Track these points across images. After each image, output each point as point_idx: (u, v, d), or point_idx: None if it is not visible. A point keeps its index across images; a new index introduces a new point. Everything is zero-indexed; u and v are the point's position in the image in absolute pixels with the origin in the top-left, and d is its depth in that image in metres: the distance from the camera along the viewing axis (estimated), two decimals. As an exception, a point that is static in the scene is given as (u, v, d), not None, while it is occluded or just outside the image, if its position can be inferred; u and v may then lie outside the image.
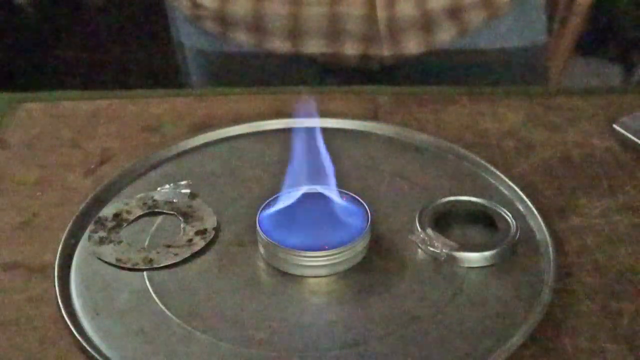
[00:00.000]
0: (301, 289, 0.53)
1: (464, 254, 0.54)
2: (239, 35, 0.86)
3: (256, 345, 0.49)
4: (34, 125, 0.72)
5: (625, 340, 0.50)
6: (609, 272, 0.55)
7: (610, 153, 0.67)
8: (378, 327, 0.50)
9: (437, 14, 0.83)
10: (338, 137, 0.67)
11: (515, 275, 0.54)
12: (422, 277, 0.54)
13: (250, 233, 0.56)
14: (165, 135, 0.70)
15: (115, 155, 0.67)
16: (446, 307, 0.51)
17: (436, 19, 0.84)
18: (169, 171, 0.64)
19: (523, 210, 0.59)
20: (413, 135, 0.68)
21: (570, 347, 0.49)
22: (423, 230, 0.56)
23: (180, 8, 0.90)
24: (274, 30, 0.84)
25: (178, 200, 0.60)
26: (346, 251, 0.53)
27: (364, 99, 0.75)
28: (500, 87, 0.80)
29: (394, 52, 0.85)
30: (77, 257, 0.56)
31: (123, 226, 0.58)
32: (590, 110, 0.73)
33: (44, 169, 0.66)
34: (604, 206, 0.61)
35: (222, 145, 0.68)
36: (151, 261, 0.55)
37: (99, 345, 0.49)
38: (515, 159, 0.66)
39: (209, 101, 0.75)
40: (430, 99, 0.75)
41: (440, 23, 0.84)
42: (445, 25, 0.85)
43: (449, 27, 0.85)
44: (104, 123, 0.72)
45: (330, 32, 0.84)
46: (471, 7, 0.85)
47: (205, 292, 0.53)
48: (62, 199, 0.62)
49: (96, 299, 0.53)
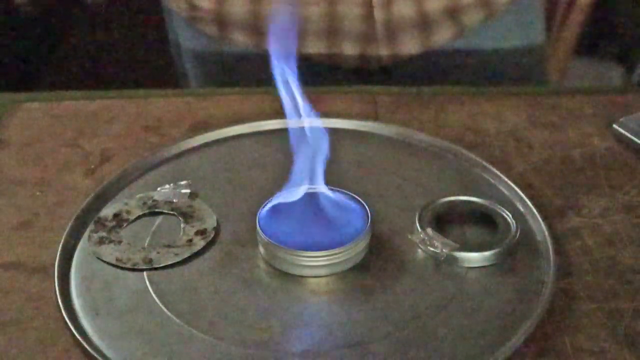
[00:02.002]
0: (301, 289, 0.53)
1: (464, 254, 0.54)
2: (237, 37, 0.86)
3: (256, 345, 0.49)
4: (34, 125, 0.72)
5: (625, 340, 0.50)
6: (609, 272, 0.55)
7: (610, 153, 0.67)
8: (378, 327, 0.50)
9: (435, 15, 0.83)
10: (338, 137, 0.67)
11: (515, 275, 0.54)
12: (422, 277, 0.54)
13: (250, 233, 0.56)
14: (165, 135, 0.70)
15: (115, 155, 0.67)
16: (446, 307, 0.51)
17: (434, 19, 0.84)
18: (169, 171, 0.64)
19: (523, 210, 0.59)
20: (413, 135, 0.68)
21: (570, 347, 0.49)
22: (423, 230, 0.56)
23: (178, 11, 0.90)
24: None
25: (178, 200, 0.60)
26: (346, 251, 0.53)
27: (364, 99, 0.75)
28: (500, 87, 0.80)
29: (391, 52, 0.85)
30: (77, 257, 0.56)
31: (123, 226, 0.58)
32: (590, 110, 0.73)
33: (44, 169, 0.66)
34: (604, 206, 0.61)
35: (222, 145, 0.68)
36: (151, 261, 0.55)
37: (99, 345, 0.49)
38: (515, 159, 0.66)
39: (209, 101, 0.75)
40: (430, 99, 0.75)
41: (437, 23, 0.84)
42: (442, 26, 0.85)
43: (447, 27, 0.85)
44: (104, 123, 0.72)
45: (329, 32, 0.84)
46: (469, 8, 0.84)
47: (205, 292, 0.53)
48: (62, 199, 0.62)
49: (96, 299, 0.53)
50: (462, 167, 0.64)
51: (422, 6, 0.82)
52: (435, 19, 0.84)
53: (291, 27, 0.55)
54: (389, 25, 0.83)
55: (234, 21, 0.85)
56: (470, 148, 0.66)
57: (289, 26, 0.55)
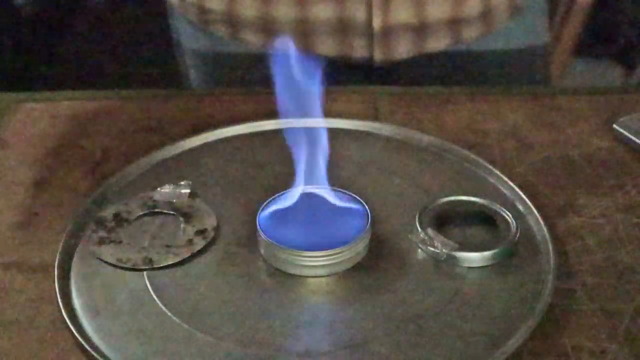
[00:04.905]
0: (301, 289, 0.53)
1: (464, 254, 0.54)
2: (247, 36, 0.86)
3: (256, 345, 0.49)
4: (34, 125, 0.72)
5: (625, 340, 0.50)
6: (609, 272, 0.55)
7: (610, 153, 0.67)
8: (378, 327, 0.50)
9: (435, 25, 0.83)
10: (338, 137, 0.67)
11: (515, 275, 0.54)
12: (422, 277, 0.54)
13: (250, 233, 0.56)
14: (165, 135, 0.70)
15: (115, 155, 0.67)
16: (446, 307, 0.51)
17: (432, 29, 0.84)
18: (169, 171, 0.64)
19: (523, 210, 0.59)
20: (413, 135, 0.68)
21: (570, 347, 0.49)
22: (423, 230, 0.56)
23: (187, 14, 0.90)
24: (283, 30, 0.84)
25: (178, 200, 0.60)
26: (346, 251, 0.53)
27: (364, 99, 0.75)
28: (500, 87, 0.80)
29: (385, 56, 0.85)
30: (77, 257, 0.56)
31: (123, 226, 0.58)
32: (590, 110, 0.73)
33: (44, 169, 0.66)
34: (604, 206, 0.61)
35: (222, 145, 0.68)
36: (151, 261, 0.55)
37: (99, 345, 0.49)
38: (515, 159, 0.66)
39: (209, 101, 0.75)
40: (430, 99, 0.75)
41: (435, 32, 0.84)
42: (440, 35, 0.84)
43: (444, 37, 0.85)
44: (104, 123, 0.72)
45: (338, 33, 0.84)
46: (470, 21, 0.84)
47: (205, 292, 0.53)
48: (62, 199, 0.62)
49: (96, 299, 0.53)
50: (462, 167, 0.64)
51: (422, 15, 0.82)
52: (433, 28, 0.84)
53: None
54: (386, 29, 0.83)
55: (244, 21, 0.85)
56: (470, 148, 0.66)
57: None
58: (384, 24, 0.82)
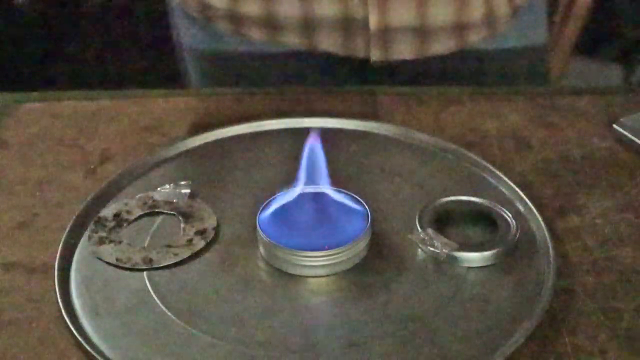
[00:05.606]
0: (301, 289, 0.53)
1: (464, 254, 0.54)
2: (251, 33, 0.86)
3: (256, 345, 0.49)
4: (34, 125, 0.72)
5: (625, 340, 0.50)
6: (609, 272, 0.55)
7: (610, 153, 0.67)
8: (378, 327, 0.50)
9: (438, 28, 0.83)
10: (338, 137, 0.67)
11: (515, 275, 0.54)
12: (422, 277, 0.54)
13: (250, 233, 0.56)
14: (165, 135, 0.70)
15: (115, 155, 0.67)
16: (446, 307, 0.51)
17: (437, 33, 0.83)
18: (169, 171, 0.64)
19: (523, 210, 0.59)
20: (413, 135, 0.68)
21: (570, 347, 0.49)
22: (423, 230, 0.56)
23: (189, 11, 0.90)
24: (287, 26, 0.84)
25: (178, 200, 0.60)
26: (346, 251, 0.53)
27: (364, 99, 0.75)
28: (500, 87, 0.80)
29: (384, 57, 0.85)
30: (77, 257, 0.56)
31: (123, 226, 0.58)
32: (590, 110, 0.73)
33: (44, 169, 0.66)
34: (604, 206, 0.61)
35: (222, 145, 0.67)
36: (151, 261, 0.55)
37: (99, 345, 0.49)
38: (515, 159, 0.66)
39: (209, 101, 0.75)
40: (430, 99, 0.75)
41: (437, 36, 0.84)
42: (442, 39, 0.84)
43: (449, 41, 0.85)
44: (104, 123, 0.72)
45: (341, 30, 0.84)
46: (474, 25, 0.84)
47: (205, 292, 0.53)
48: (62, 199, 0.62)
49: (96, 299, 0.53)
50: (462, 167, 0.64)
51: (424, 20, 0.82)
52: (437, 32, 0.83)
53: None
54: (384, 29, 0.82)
55: (247, 17, 0.85)
56: (470, 148, 0.66)
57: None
58: (381, 24, 0.82)
